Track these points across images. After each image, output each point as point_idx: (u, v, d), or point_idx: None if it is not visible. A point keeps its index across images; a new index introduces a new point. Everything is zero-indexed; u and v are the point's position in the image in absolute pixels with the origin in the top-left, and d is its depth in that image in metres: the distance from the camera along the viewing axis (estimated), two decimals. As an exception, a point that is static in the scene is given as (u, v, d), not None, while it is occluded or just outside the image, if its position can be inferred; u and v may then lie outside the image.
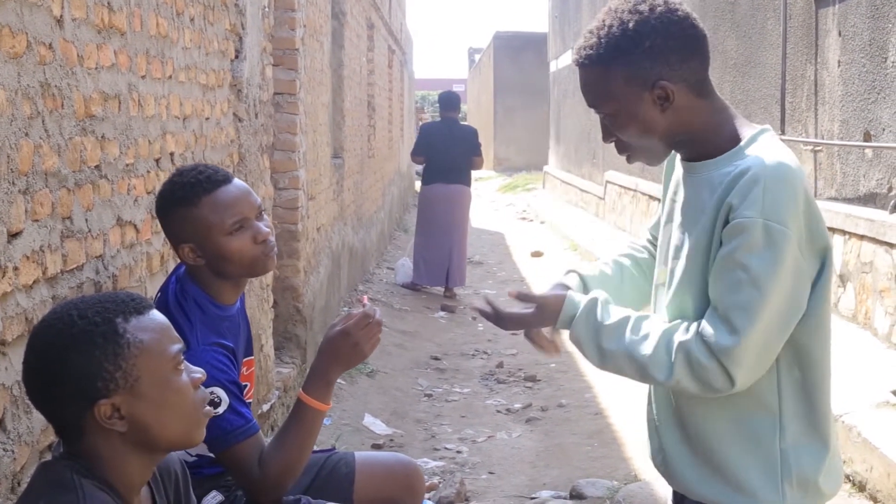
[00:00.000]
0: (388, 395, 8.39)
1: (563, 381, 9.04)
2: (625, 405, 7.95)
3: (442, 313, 12.20)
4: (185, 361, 2.37)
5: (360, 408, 7.77)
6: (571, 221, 20.33)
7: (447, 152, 12.90)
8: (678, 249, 2.64)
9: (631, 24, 2.55)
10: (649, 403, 2.86)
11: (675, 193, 2.75)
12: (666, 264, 2.71)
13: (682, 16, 2.58)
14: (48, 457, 2.78)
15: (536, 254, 17.37)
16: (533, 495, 6.19)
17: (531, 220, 23.95)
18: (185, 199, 3.25)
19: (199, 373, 2.38)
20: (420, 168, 14.12)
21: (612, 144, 2.70)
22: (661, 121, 2.59)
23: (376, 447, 6.87)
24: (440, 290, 13.23)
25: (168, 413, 2.30)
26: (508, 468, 6.76)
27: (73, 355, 2.22)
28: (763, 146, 2.56)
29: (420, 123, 16.43)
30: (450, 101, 13.40)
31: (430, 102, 58.71)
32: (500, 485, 6.43)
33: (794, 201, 2.47)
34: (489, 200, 29.93)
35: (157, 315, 2.35)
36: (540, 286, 14.12)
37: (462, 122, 13.51)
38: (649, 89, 2.56)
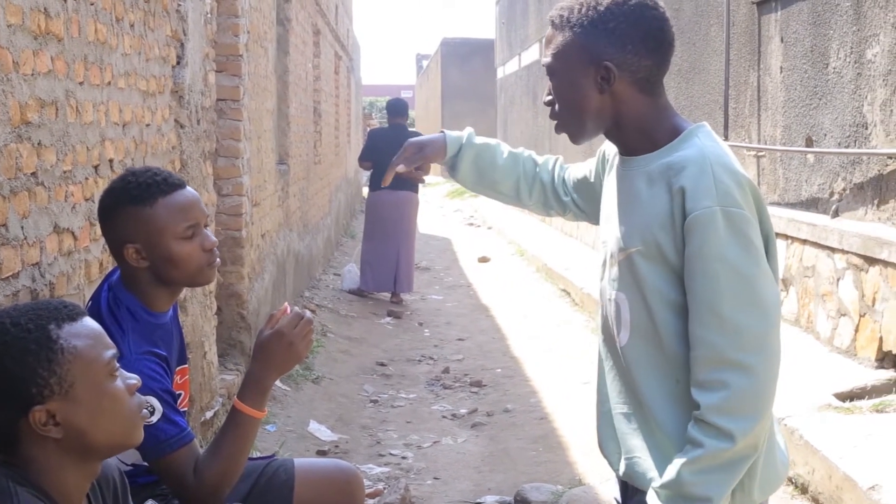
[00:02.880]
0: (333, 401, 8.37)
1: (509, 386, 9.06)
2: (570, 410, 7.97)
3: (388, 319, 12.18)
4: (120, 368, 2.36)
5: (306, 414, 7.74)
6: (518, 227, 20.39)
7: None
8: (619, 241, 2.65)
9: (605, 3, 2.62)
10: (602, 402, 2.84)
11: (608, 189, 2.79)
12: (609, 258, 2.71)
13: (656, 15, 2.64)
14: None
15: (483, 259, 17.40)
16: (478, 500, 6.20)
17: (478, 226, 24.00)
18: (140, 198, 3.23)
19: (133, 378, 2.38)
20: (368, 174, 14.09)
21: (553, 125, 2.76)
22: (595, 100, 2.64)
23: (321, 454, 6.85)
24: (387, 296, 13.21)
25: (104, 418, 2.30)
26: (453, 473, 6.76)
27: (7, 362, 2.22)
28: (702, 139, 2.60)
29: (368, 129, 16.39)
30: (397, 108, 13.39)
31: (378, 108, 58.68)
32: (445, 490, 6.43)
33: (741, 186, 2.50)
34: (437, 206, 29.95)
35: (90, 322, 2.34)
36: (487, 291, 14.15)
37: (410, 129, 13.48)
38: (595, 65, 2.61)
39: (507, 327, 11.78)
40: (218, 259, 3.37)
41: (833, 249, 7.55)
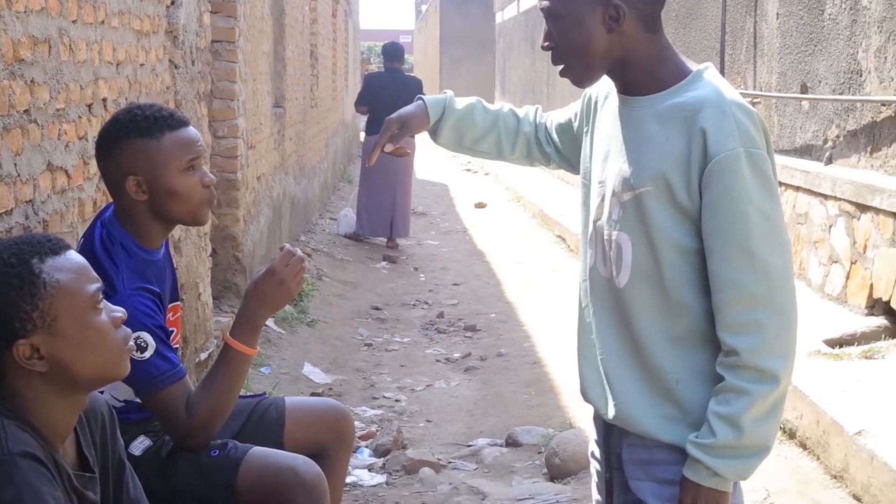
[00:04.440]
0: (328, 344, 8.41)
1: (503, 330, 9.11)
2: (563, 355, 8.00)
3: (384, 264, 12.21)
4: (105, 301, 2.38)
5: (300, 357, 7.78)
6: (515, 173, 20.38)
7: (391, 103, 12.63)
8: (627, 181, 2.60)
9: None
10: (587, 345, 2.81)
11: (604, 128, 2.75)
12: (610, 198, 2.67)
13: None
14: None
15: (480, 205, 17.41)
16: (469, 443, 6.25)
17: (475, 172, 23.99)
18: (147, 130, 3.25)
19: (119, 311, 2.39)
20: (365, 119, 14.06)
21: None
22: (604, 41, 2.58)
23: (315, 395, 6.89)
24: (382, 240, 13.22)
25: (88, 351, 2.32)
26: (446, 416, 6.81)
27: None
28: (714, 79, 2.58)
29: (364, 73, 16.32)
30: (394, 52, 13.36)
31: (377, 53, 58.24)
32: (437, 433, 6.48)
33: (756, 126, 2.50)
34: (435, 152, 29.89)
35: (73, 255, 2.36)
36: (482, 236, 14.16)
37: (408, 73, 13.44)
38: (603, 5, 2.55)
39: (502, 273, 11.81)
40: (215, 199, 3.40)
41: (826, 196, 7.57)
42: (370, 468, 5.76)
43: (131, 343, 2.43)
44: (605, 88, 2.80)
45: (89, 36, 4.08)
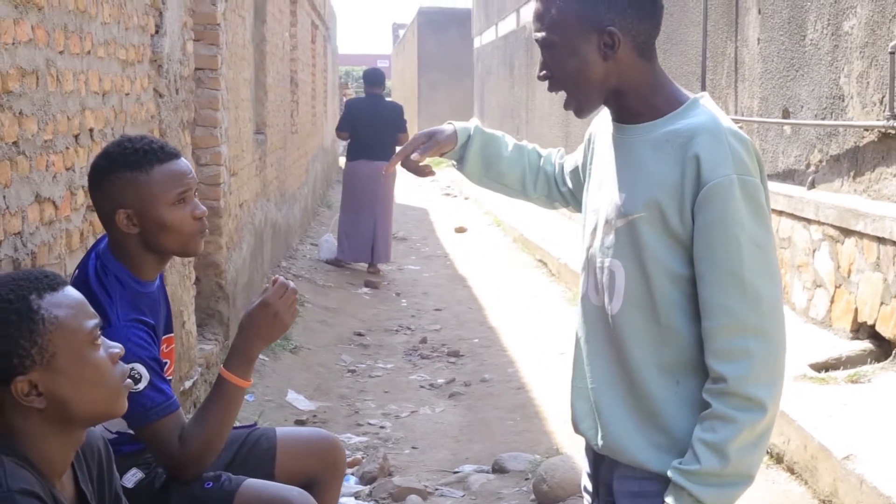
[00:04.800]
0: (311, 371, 8.39)
1: (487, 356, 9.10)
2: (547, 380, 8.01)
3: (366, 289, 12.19)
4: (103, 337, 2.37)
5: (284, 384, 7.76)
6: (495, 197, 20.37)
7: (372, 128, 12.87)
8: (620, 208, 2.60)
9: None
10: (579, 377, 2.80)
11: (600, 158, 2.76)
12: (604, 225, 2.67)
13: None
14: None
15: (460, 229, 17.42)
16: (456, 469, 6.23)
17: (455, 196, 24.00)
18: (137, 164, 3.25)
19: (116, 347, 2.39)
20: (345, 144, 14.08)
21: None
22: (600, 68, 2.59)
23: (300, 423, 6.87)
24: (364, 266, 13.21)
25: (86, 388, 2.31)
26: (431, 443, 6.80)
27: None
28: (710, 107, 2.59)
29: (345, 99, 16.33)
30: (374, 78, 13.40)
31: (355, 78, 58.52)
32: (423, 459, 6.46)
33: (750, 154, 2.50)
34: (414, 176, 29.90)
35: (71, 291, 2.35)
36: (463, 261, 14.16)
37: (387, 99, 13.48)
38: (598, 32, 2.56)
39: (484, 298, 11.81)
40: (207, 230, 3.40)
41: (809, 221, 7.60)
42: (357, 496, 5.74)
43: (128, 381, 2.42)
44: (604, 122, 2.81)
45: (76, 66, 4.07)
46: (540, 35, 2.64)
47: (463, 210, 20.81)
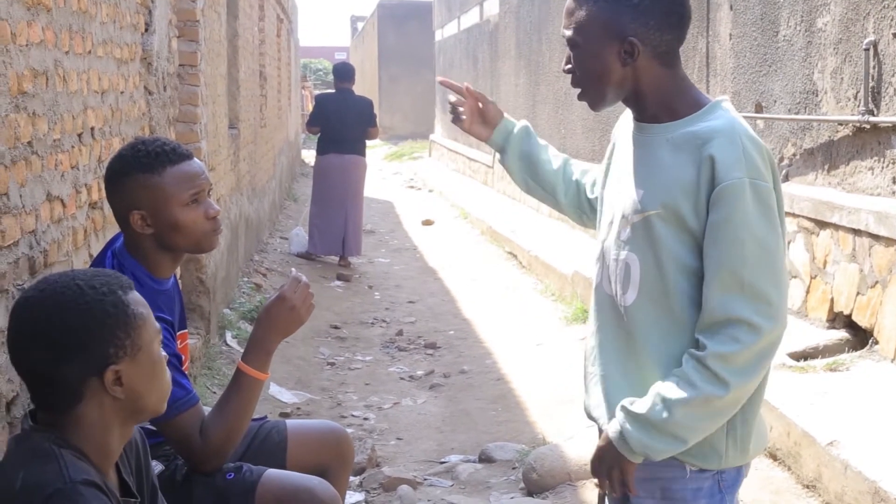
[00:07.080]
0: (291, 364, 8.44)
1: (463, 348, 9.18)
2: (526, 371, 8.11)
3: (338, 283, 12.24)
4: None
5: (266, 377, 7.80)
6: (460, 190, 20.49)
7: (342, 123, 12.90)
8: (637, 203, 2.71)
9: None
10: (593, 363, 2.90)
11: (621, 154, 2.87)
12: (620, 219, 2.78)
13: None
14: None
15: (427, 222, 17.48)
16: (443, 459, 6.31)
17: (419, 189, 24.04)
18: (149, 166, 3.31)
19: (164, 351, 2.50)
20: (305, 137, 14.08)
21: (568, 79, 2.86)
22: (618, 73, 2.71)
23: (284, 415, 6.94)
24: (335, 259, 13.26)
25: (154, 383, 2.44)
26: (416, 434, 6.88)
27: (90, 322, 2.34)
28: (730, 111, 2.70)
29: (314, 93, 16.34)
30: (345, 72, 13.39)
31: (313, 70, 58.43)
32: (409, 450, 6.54)
33: (764, 159, 2.61)
34: (376, 169, 29.92)
35: (138, 293, 2.45)
36: (433, 253, 14.19)
37: (357, 94, 13.51)
38: (620, 40, 2.68)
39: (456, 290, 11.89)
40: (221, 228, 3.46)
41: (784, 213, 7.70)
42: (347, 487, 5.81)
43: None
44: (626, 121, 2.91)
45: (79, 66, 4.12)
46: (567, 33, 2.76)
47: (428, 203, 20.87)
